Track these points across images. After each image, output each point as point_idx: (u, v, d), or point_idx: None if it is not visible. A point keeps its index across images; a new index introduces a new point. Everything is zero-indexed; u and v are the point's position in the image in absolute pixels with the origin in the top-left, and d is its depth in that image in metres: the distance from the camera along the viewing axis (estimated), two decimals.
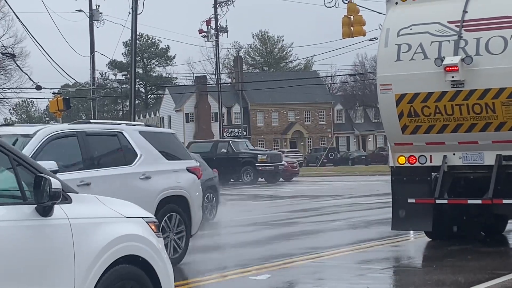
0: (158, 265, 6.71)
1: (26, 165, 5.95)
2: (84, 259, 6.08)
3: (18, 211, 5.80)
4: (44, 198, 5.80)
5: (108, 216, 6.47)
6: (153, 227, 6.86)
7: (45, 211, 5.87)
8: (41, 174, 5.87)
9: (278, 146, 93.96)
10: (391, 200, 14.49)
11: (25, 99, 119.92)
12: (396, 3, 14.19)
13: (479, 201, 13.51)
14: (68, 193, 6.15)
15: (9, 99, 75.85)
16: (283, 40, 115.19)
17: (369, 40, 41.78)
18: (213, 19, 63.46)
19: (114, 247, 6.32)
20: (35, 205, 5.85)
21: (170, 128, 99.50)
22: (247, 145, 47.15)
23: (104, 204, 6.56)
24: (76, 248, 6.04)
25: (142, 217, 6.82)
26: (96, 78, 62.32)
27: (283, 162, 45.34)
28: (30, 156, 9.44)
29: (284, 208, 25.19)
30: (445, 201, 13.73)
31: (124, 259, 6.42)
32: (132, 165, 11.89)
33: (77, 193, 6.34)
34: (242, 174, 43.58)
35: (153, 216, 7.07)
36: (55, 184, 5.80)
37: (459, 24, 13.34)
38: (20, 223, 5.77)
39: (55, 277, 5.91)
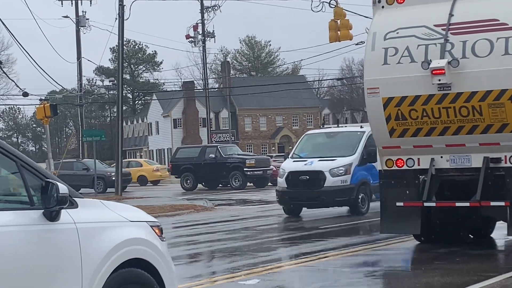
0: (163, 268, 6.79)
1: (33, 171, 6.00)
2: (90, 263, 6.15)
3: (26, 216, 5.86)
4: (51, 203, 5.86)
5: (113, 221, 6.54)
6: (157, 230, 6.94)
7: (52, 216, 5.93)
8: (48, 180, 5.92)
9: (266, 150, 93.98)
10: (379, 203, 14.52)
11: (11, 106, 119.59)
12: (383, 7, 14.22)
13: (467, 204, 13.54)
14: (74, 198, 6.21)
15: None
16: (270, 44, 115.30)
17: (356, 44, 41.86)
18: (200, 24, 63.45)
19: (119, 250, 6.40)
20: (43, 210, 5.91)
21: (158, 134, 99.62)
22: (235, 150, 47.12)
23: (109, 208, 6.63)
24: (83, 252, 6.12)
25: (146, 221, 6.90)
26: (83, 85, 62.23)
27: (271, 167, 45.28)
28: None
29: (273, 213, 25.17)
30: (433, 204, 13.75)
31: (130, 262, 6.50)
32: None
33: (83, 198, 6.41)
34: (231, 179, 43.48)
35: (157, 220, 7.15)
36: (62, 189, 5.86)
37: (445, 27, 13.39)
38: (28, 227, 5.82)
39: (63, 281, 5.97)
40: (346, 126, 25.54)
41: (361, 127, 23.76)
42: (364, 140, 22.65)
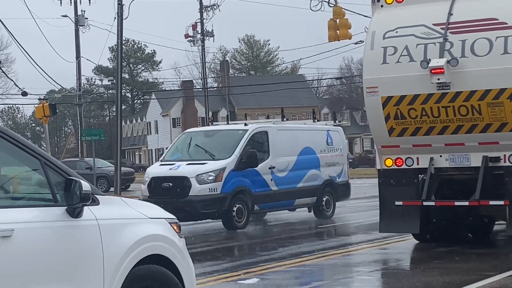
0: (181, 263, 6.91)
1: (56, 169, 6.14)
2: (112, 258, 6.28)
3: (50, 213, 5.99)
4: (74, 200, 6.01)
5: (134, 217, 6.67)
6: (175, 227, 7.07)
7: (75, 213, 6.07)
8: (71, 177, 6.07)
9: None
10: (378, 202, 14.52)
11: (11, 105, 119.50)
12: (382, 6, 14.22)
13: (466, 203, 13.55)
14: (96, 196, 6.35)
15: None
16: (269, 44, 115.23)
17: (355, 43, 41.90)
18: (199, 23, 63.39)
19: (140, 246, 6.52)
20: (66, 207, 6.04)
21: (157, 133, 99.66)
22: None
23: (129, 205, 6.76)
24: (104, 247, 6.24)
25: (165, 218, 7.03)
26: (82, 84, 62.15)
27: None
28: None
29: (271, 211, 25.14)
30: (432, 203, 13.76)
31: (149, 258, 6.61)
32: None
33: (104, 195, 6.54)
34: None
35: (175, 217, 7.26)
36: (85, 186, 6.01)
37: (444, 26, 13.39)
38: (52, 224, 5.96)
39: (86, 276, 6.10)
40: (236, 124, 22.45)
41: (246, 124, 20.78)
42: (245, 140, 19.55)
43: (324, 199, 21.62)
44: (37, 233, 5.82)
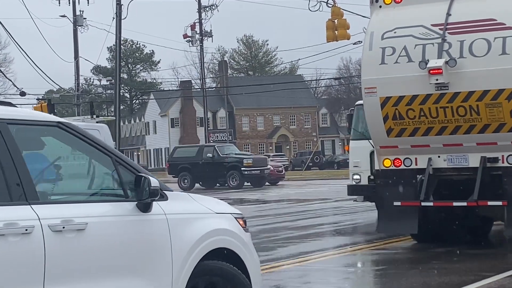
0: (247, 257, 7.06)
1: (126, 166, 6.39)
2: (180, 252, 6.46)
3: (122, 208, 6.24)
4: (144, 195, 6.24)
5: (200, 212, 6.86)
6: (241, 222, 7.22)
7: (145, 207, 6.30)
8: (141, 174, 6.29)
9: (263, 150, 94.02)
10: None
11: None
12: (380, 6, 14.23)
13: (465, 203, 13.55)
14: (164, 191, 6.55)
15: None
16: (267, 44, 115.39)
17: (353, 44, 42.17)
18: (198, 23, 63.47)
19: (206, 240, 6.69)
20: (136, 202, 6.27)
21: (155, 133, 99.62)
22: (232, 150, 47.16)
23: (196, 201, 6.95)
24: (172, 241, 6.43)
25: (230, 213, 7.19)
26: (80, 84, 62.15)
27: (268, 166, 45.34)
28: None
29: (270, 212, 25.18)
30: (431, 204, 13.76)
31: (216, 252, 6.78)
32: None
33: (172, 191, 6.73)
34: (228, 178, 43.56)
35: (241, 213, 7.41)
36: (154, 182, 6.22)
37: (442, 27, 13.40)
38: (123, 218, 6.21)
39: (155, 268, 6.29)
40: None
41: None
42: None
43: None
44: (110, 226, 6.06)
